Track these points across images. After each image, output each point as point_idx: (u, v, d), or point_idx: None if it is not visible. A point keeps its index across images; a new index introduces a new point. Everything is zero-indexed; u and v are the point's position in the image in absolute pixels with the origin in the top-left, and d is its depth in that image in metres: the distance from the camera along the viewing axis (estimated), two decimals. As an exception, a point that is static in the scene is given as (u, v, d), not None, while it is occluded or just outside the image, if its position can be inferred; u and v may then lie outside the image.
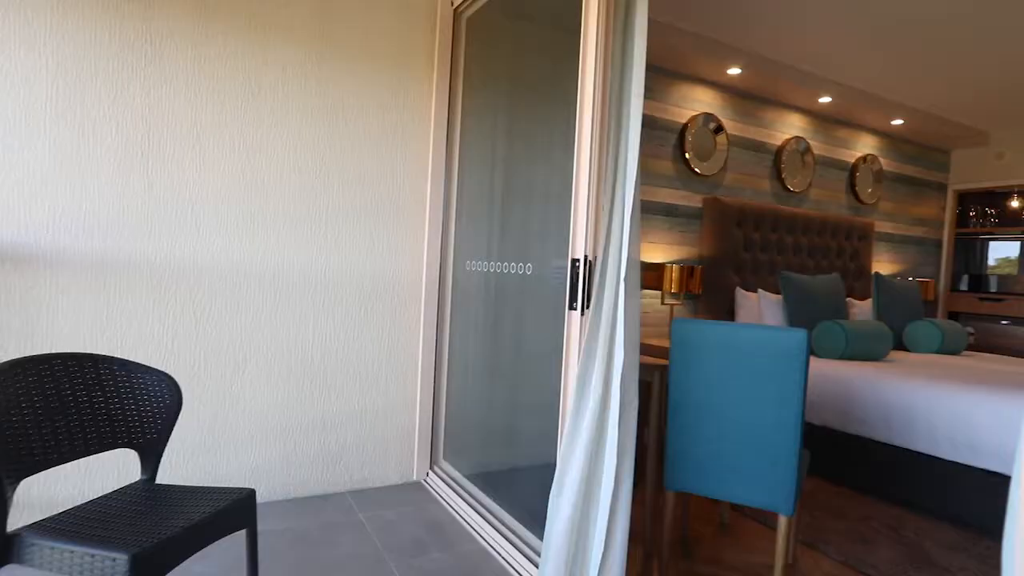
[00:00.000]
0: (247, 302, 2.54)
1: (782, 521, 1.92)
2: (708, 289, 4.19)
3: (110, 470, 2.34)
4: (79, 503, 1.59)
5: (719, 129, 4.27)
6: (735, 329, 1.94)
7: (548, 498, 1.86)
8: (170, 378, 1.79)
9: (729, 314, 4.21)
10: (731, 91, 4.37)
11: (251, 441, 2.57)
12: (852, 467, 3.22)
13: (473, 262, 2.73)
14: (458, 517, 2.57)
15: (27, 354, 2.22)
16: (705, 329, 1.99)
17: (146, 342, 2.38)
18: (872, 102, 4.68)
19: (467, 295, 2.81)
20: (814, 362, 3.59)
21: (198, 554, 2.14)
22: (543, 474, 2.28)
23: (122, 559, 1.29)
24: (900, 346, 4.42)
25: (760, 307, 4.13)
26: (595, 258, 1.88)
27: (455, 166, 2.93)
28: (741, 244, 4.30)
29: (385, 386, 2.85)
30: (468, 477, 2.73)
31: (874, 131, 5.36)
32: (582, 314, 1.88)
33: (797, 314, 4.00)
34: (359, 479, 2.82)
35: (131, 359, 1.83)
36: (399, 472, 2.92)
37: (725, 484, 2.00)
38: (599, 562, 1.77)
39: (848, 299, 4.67)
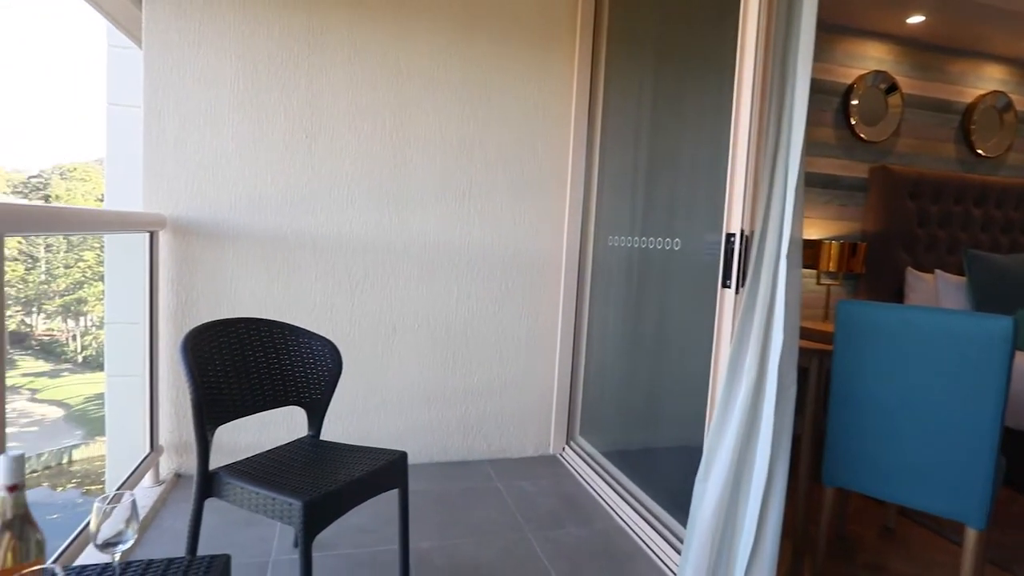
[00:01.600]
0: (396, 275, 2.69)
1: (971, 535, 1.68)
2: (872, 269, 3.76)
3: (280, 424, 2.60)
4: (257, 452, 1.79)
5: (892, 88, 3.77)
6: (918, 313, 1.71)
7: (691, 482, 1.78)
8: (332, 344, 1.93)
9: (896, 296, 3.75)
10: (909, 43, 3.83)
11: (398, 406, 2.74)
12: (1055, 478, 2.76)
13: (615, 237, 2.66)
14: (594, 493, 2.56)
15: (215, 318, 2.53)
16: (879, 312, 1.77)
17: (308, 310, 2.60)
18: (1099, 45, 3.87)
19: (608, 271, 2.76)
20: (1007, 354, 3.10)
21: (353, 509, 2.33)
22: (686, 457, 2.20)
23: (297, 505, 1.42)
24: None
25: (937, 290, 3.64)
26: (752, 233, 1.74)
27: (597, 139, 2.86)
28: (915, 218, 3.80)
29: (524, 360, 2.89)
30: (605, 454, 2.71)
31: (1098, 81, 4.44)
32: (736, 292, 1.76)
33: (986, 299, 3.47)
34: (497, 449, 2.90)
35: (297, 325, 2.00)
36: (535, 445, 2.96)
37: (898, 485, 1.79)
38: (748, 555, 1.67)
39: (1055, 282, 3.96)
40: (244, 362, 1.82)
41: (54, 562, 1.60)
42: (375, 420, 2.71)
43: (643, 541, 2.17)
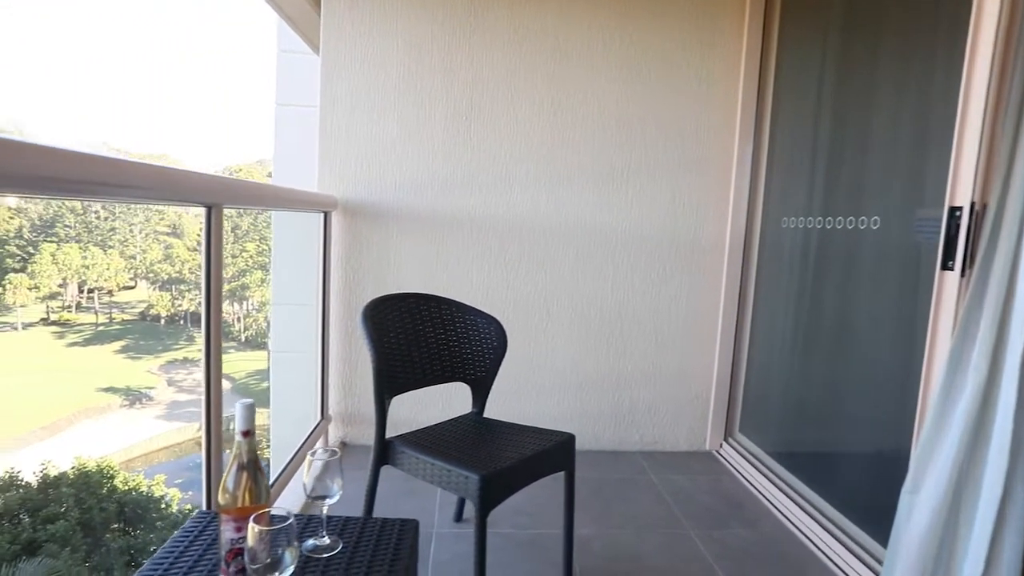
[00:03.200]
0: (551, 257, 2.65)
1: None
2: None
3: (436, 401, 2.66)
4: (414, 428, 1.81)
5: None
6: None
7: (883, 491, 1.57)
8: (498, 322, 1.93)
9: None
10: None
11: (551, 390, 2.71)
12: None
13: (790, 219, 2.42)
14: (758, 494, 2.37)
15: (380, 294, 2.65)
16: None
17: (466, 290, 2.63)
18: None
19: (779, 255, 2.52)
20: None
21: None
22: (878, 464, 1.95)
23: (474, 478, 1.42)
24: None
25: None
26: (984, 207, 1.48)
27: (767, 113, 2.62)
28: None
29: (680, 349, 2.74)
30: (772, 454, 2.49)
31: None
32: (962, 275, 1.51)
33: None
34: (649, 440, 2.78)
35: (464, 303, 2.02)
36: (689, 439, 2.81)
37: None
38: (975, 584, 1.43)
39: None
40: (415, 336, 1.86)
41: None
42: (527, 403, 2.70)
43: (820, 549, 1.96)
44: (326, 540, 1.09)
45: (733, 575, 1.84)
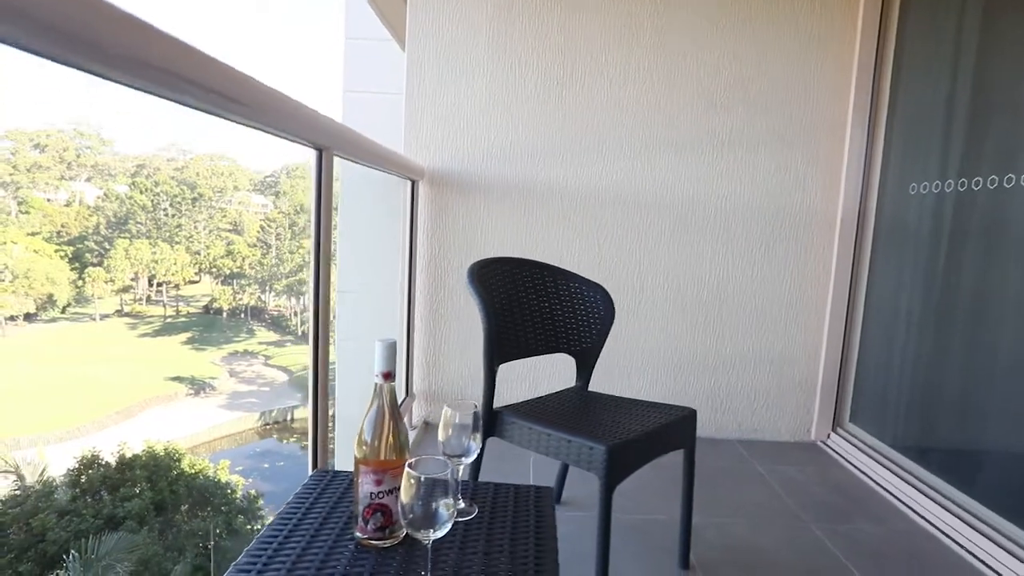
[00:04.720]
0: (645, 230, 2.50)
1: None
2: None
3: (526, 378, 2.55)
4: (517, 400, 1.69)
5: None
6: None
7: None
8: (604, 290, 1.79)
9: None
10: None
11: (643, 370, 2.55)
12: None
13: (920, 184, 2.18)
14: (879, 489, 2.15)
15: (467, 263, 2.55)
16: None
17: (557, 262, 2.48)
18: None
19: (903, 225, 2.29)
20: None
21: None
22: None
23: (600, 449, 1.29)
24: None
25: None
26: None
27: (887, 71, 2.39)
28: None
29: (784, 331, 2.54)
30: (895, 447, 2.26)
31: None
32: None
33: None
34: (748, 429, 2.59)
35: (568, 270, 1.89)
36: (792, 429, 2.60)
37: None
38: None
39: None
40: (519, 302, 1.75)
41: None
42: (617, 382, 2.54)
43: (968, 551, 1.75)
44: (462, 503, 0.98)
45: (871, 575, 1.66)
